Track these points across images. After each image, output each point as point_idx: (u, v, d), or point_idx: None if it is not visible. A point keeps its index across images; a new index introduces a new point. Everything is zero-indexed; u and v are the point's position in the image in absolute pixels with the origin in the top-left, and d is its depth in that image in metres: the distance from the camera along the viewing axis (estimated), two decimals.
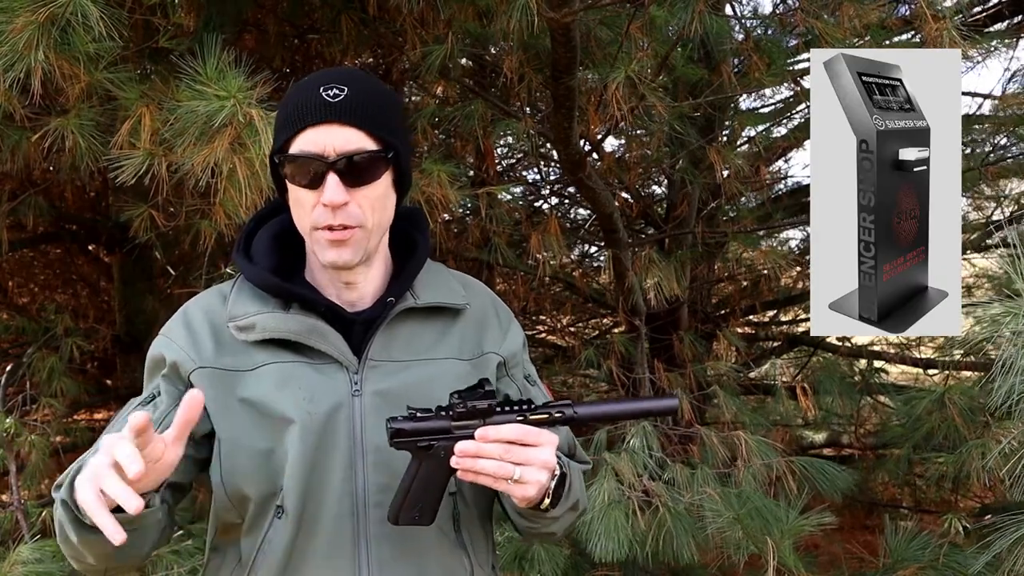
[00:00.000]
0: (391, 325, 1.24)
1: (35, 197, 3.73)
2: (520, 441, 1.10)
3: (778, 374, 5.12)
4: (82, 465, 1.07)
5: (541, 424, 1.14)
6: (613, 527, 2.46)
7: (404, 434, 1.12)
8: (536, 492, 1.12)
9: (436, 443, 1.12)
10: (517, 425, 1.11)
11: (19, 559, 2.46)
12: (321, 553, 1.18)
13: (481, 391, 1.13)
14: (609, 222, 3.72)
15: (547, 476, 1.13)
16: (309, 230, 1.19)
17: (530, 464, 1.10)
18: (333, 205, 1.15)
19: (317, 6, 3.31)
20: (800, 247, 5.51)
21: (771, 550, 2.28)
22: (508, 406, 1.14)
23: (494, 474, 1.09)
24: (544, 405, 1.16)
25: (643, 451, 2.74)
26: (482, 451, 1.09)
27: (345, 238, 1.17)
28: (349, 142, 1.15)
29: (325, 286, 1.26)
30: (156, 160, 2.02)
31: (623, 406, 1.22)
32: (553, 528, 1.28)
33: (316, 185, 1.16)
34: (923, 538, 2.52)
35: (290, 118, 1.17)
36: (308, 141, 1.15)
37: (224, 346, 1.21)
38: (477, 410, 1.12)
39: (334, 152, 1.15)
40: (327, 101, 1.15)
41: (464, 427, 1.12)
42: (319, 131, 1.15)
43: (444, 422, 1.13)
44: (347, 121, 1.15)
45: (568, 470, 1.22)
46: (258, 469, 1.18)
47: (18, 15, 1.77)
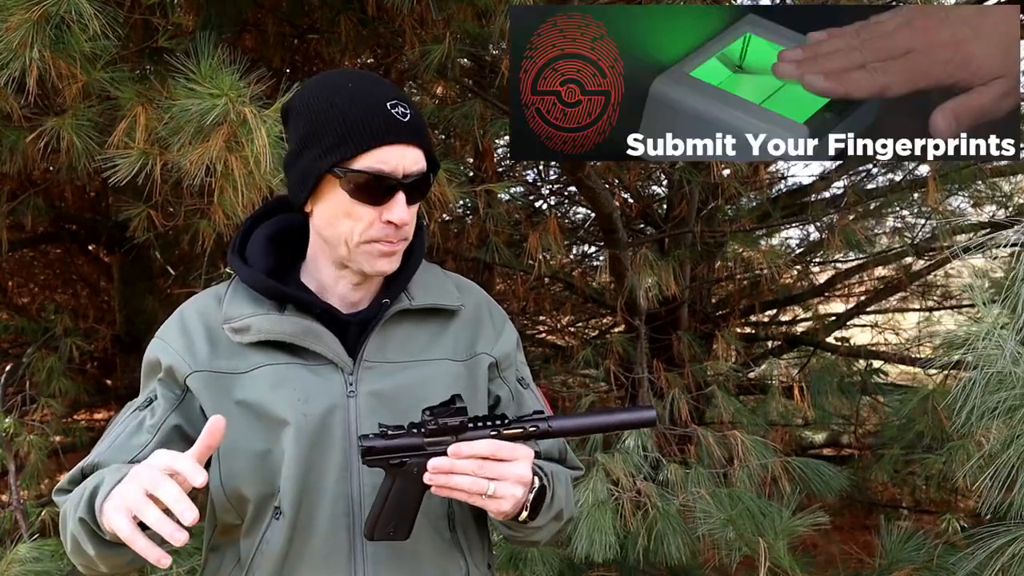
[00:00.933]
0: (386, 326, 1.24)
1: (35, 197, 3.74)
2: (494, 456, 1.10)
3: (776, 374, 5.11)
4: (99, 484, 1.08)
5: (515, 439, 1.13)
6: (595, 528, 2.46)
7: (376, 452, 1.12)
8: (511, 506, 1.12)
9: (408, 460, 1.12)
10: (491, 440, 1.11)
11: (17, 558, 2.47)
12: (318, 553, 1.18)
13: (453, 407, 1.13)
14: (608, 222, 3.72)
15: (522, 491, 1.12)
16: (358, 242, 1.19)
17: (504, 479, 1.10)
18: (403, 223, 1.17)
19: (316, 6, 3.32)
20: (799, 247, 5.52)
21: (763, 551, 2.28)
22: (481, 421, 1.13)
23: (468, 489, 1.09)
24: (518, 419, 1.15)
25: (638, 451, 2.74)
26: (455, 467, 1.09)
27: (399, 249, 1.21)
28: (416, 163, 1.18)
29: (330, 285, 1.26)
30: (151, 159, 2.02)
31: (599, 419, 1.20)
32: (536, 537, 1.28)
33: (381, 202, 1.17)
34: (918, 539, 2.52)
35: (357, 132, 1.15)
36: (380, 159, 1.15)
37: (219, 348, 1.21)
38: (449, 427, 1.12)
39: (403, 172, 1.16)
40: (400, 120, 1.16)
41: (436, 443, 1.12)
42: (393, 150, 1.16)
43: (416, 439, 1.12)
44: (415, 142, 1.18)
45: (550, 481, 1.22)
46: (255, 470, 1.19)
47: (12, 13, 1.77)
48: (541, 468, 1.23)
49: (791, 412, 4.62)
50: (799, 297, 5.37)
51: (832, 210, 4.40)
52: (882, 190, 4.62)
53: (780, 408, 4.24)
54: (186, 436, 1.23)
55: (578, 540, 2.47)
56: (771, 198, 4.86)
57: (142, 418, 1.22)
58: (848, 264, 5.22)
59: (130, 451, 1.20)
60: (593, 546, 2.47)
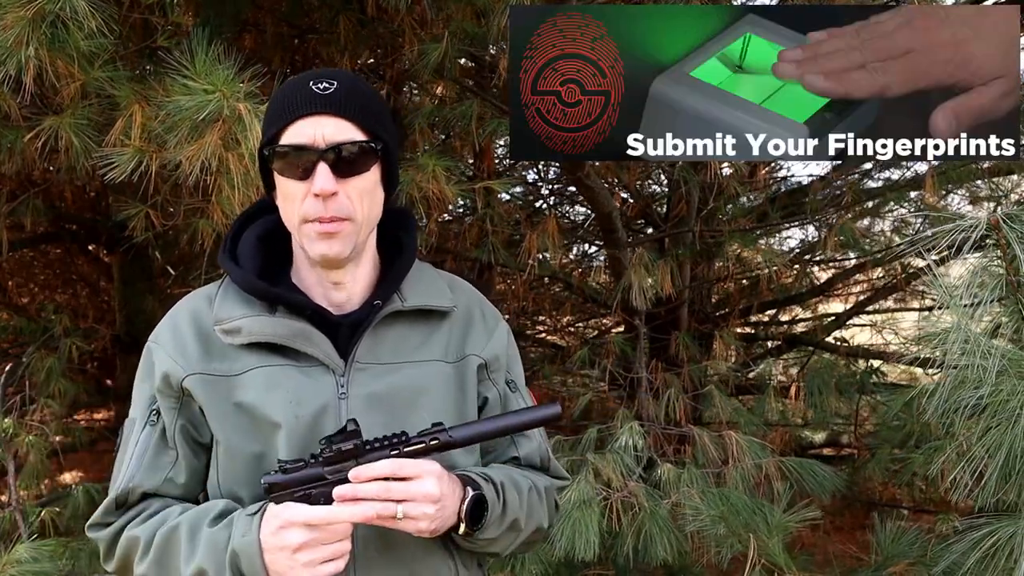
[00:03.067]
0: (378, 328, 1.24)
1: (34, 197, 3.74)
2: (396, 475, 1.10)
3: (774, 374, 5.11)
4: (176, 523, 1.16)
5: (417, 455, 1.13)
6: (577, 527, 2.46)
7: (278, 488, 1.11)
8: (428, 525, 1.12)
9: (313, 491, 1.11)
10: (391, 460, 1.11)
11: (16, 558, 2.47)
12: None
13: (346, 431, 1.12)
14: (608, 221, 3.72)
15: (434, 508, 1.11)
16: (298, 224, 1.19)
17: (411, 499, 1.10)
18: (324, 194, 1.15)
19: (315, 6, 3.32)
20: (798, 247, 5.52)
21: (753, 547, 2.28)
22: (379, 442, 1.13)
23: (378, 514, 1.09)
24: (418, 434, 1.15)
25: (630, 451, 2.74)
26: (359, 492, 1.09)
27: (335, 231, 1.17)
28: (340, 132, 1.16)
29: (312, 287, 1.25)
30: (147, 157, 2.02)
31: (501, 422, 1.20)
32: (493, 549, 1.26)
33: (306, 176, 1.16)
34: (912, 534, 2.52)
35: (279, 111, 1.18)
36: (298, 132, 1.16)
37: (212, 350, 1.21)
38: (345, 452, 1.11)
39: (324, 142, 1.15)
40: (317, 93, 1.16)
41: (337, 471, 1.11)
42: (309, 122, 1.16)
43: (316, 469, 1.12)
44: (337, 112, 1.16)
45: (500, 490, 1.21)
46: (251, 473, 1.18)
47: (7, 11, 1.77)
48: (489, 477, 1.22)
49: (790, 412, 4.62)
50: (798, 297, 5.37)
51: (831, 209, 4.40)
52: (880, 189, 4.63)
53: (779, 408, 4.24)
54: (192, 438, 1.24)
55: (559, 538, 2.47)
56: (770, 198, 4.86)
57: (159, 433, 1.23)
58: (847, 264, 5.23)
59: (162, 469, 1.22)
60: (575, 543, 2.47)
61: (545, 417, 1.21)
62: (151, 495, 1.23)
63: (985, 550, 1.77)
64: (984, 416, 1.74)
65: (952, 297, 1.71)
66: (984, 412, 1.74)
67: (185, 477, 1.23)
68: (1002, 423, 1.71)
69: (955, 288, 1.73)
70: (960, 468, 1.76)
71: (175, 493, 1.24)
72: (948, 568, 1.94)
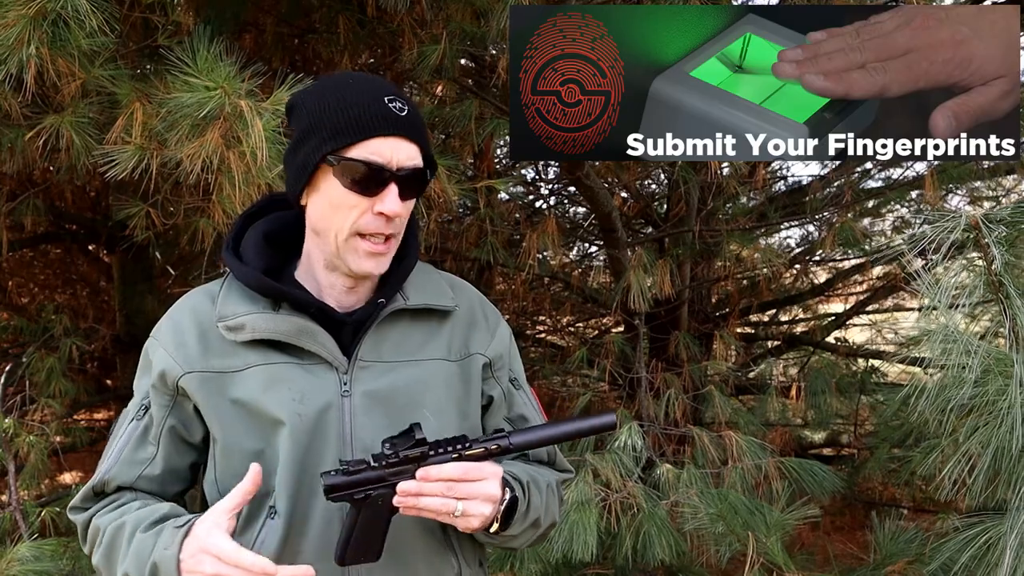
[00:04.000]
0: (381, 326, 1.25)
1: (34, 197, 3.74)
2: (463, 479, 1.12)
3: (775, 374, 5.11)
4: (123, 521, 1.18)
5: (477, 459, 1.15)
6: (575, 527, 2.47)
7: (339, 489, 1.12)
8: (479, 523, 1.14)
9: (373, 492, 1.13)
10: (458, 463, 1.13)
11: (17, 557, 2.47)
12: (312, 553, 1.18)
13: (413, 439, 1.13)
14: (608, 221, 3.73)
15: (491, 508, 1.14)
16: (347, 235, 1.19)
17: (473, 499, 1.12)
18: (394, 215, 1.18)
19: (315, 7, 3.32)
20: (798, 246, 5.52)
21: (752, 545, 2.29)
22: (442, 447, 1.14)
23: (437, 510, 1.11)
24: (479, 440, 1.17)
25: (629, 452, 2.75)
26: (424, 490, 1.11)
27: (385, 251, 1.21)
28: (411, 158, 1.19)
29: (324, 288, 1.26)
30: (148, 155, 2.02)
31: (560, 429, 1.21)
32: (513, 544, 1.29)
33: (373, 193, 1.17)
34: (911, 533, 2.53)
35: (354, 123, 1.17)
36: (375, 150, 1.17)
37: (212, 347, 1.21)
38: (409, 458, 1.13)
39: (397, 164, 1.17)
40: (396, 114, 1.18)
41: (399, 473, 1.13)
42: (388, 142, 1.17)
43: (378, 472, 1.13)
44: (412, 137, 1.19)
45: (526, 491, 1.23)
46: None
47: (8, 9, 1.77)
48: (517, 478, 1.24)
49: (790, 412, 4.62)
50: (798, 297, 5.37)
51: (831, 209, 4.40)
52: (880, 189, 4.63)
53: (778, 408, 4.24)
54: (180, 437, 1.24)
55: (557, 539, 2.48)
56: (770, 197, 4.87)
57: (142, 429, 1.24)
58: (847, 264, 5.23)
59: (138, 465, 1.24)
60: (573, 544, 2.48)
61: (602, 426, 1.23)
62: (125, 488, 1.25)
63: (978, 547, 1.78)
64: (972, 415, 1.75)
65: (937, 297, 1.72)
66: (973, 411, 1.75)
67: (160, 474, 1.25)
68: (990, 422, 1.72)
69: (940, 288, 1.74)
70: (950, 467, 1.77)
71: (149, 488, 1.25)
72: (943, 565, 1.95)
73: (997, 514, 1.81)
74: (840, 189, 4.38)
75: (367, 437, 1.19)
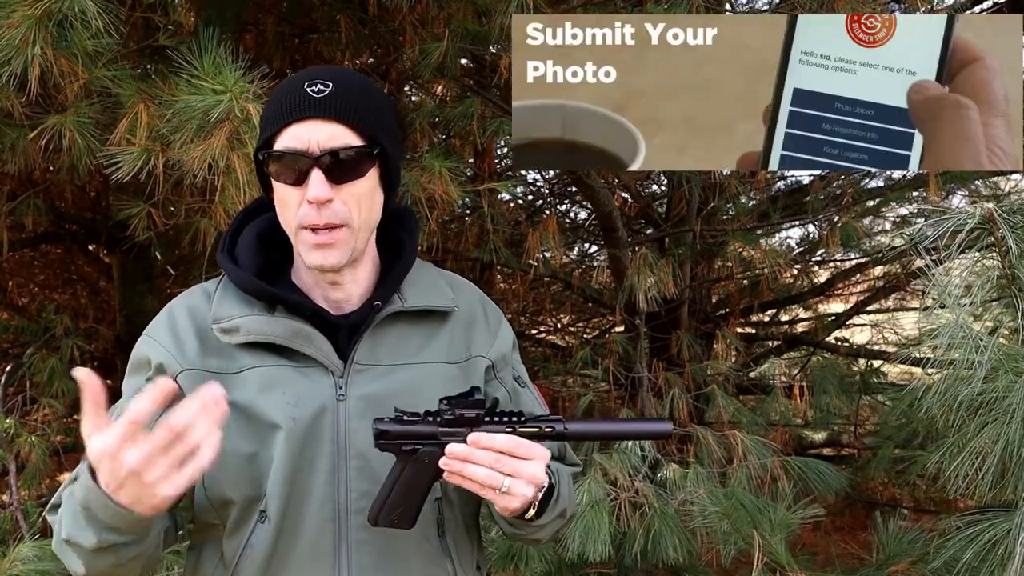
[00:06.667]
0: (378, 328, 1.22)
1: (35, 197, 3.73)
2: (511, 453, 1.09)
3: (777, 374, 5.11)
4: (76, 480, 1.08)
5: (530, 437, 1.12)
6: (589, 527, 2.47)
7: (390, 436, 1.11)
8: (520, 504, 1.12)
9: (421, 448, 1.11)
10: (512, 436, 1.10)
11: (19, 557, 2.47)
12: (303, 558, 1.17)
13: (471, 399, 1.12)
14: (608, 220, 3.73)
15: (533, 491, 1.12)
16: (295, 230, 1.17)
17: (519, 477, 1.09)
18: (318, 201, 1.13)
19: (316, 6, 3.32)
20: (799, 246, 5.53)
21: (758, 543, 2.29)
22: (498, 416, 1.13)
23: (483, 482, 1.08)
24: (535, 418, 1.15)
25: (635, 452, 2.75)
26: (473, 456, 1.08)
27: (330, 241, 1.16)
28: (334, 137, 1.14)
29: (311, 286, 1.24)
30: (153, 156, 2.02)
31: (615, 426, 1.21)
32: (539, 535, 1.27)
33: (301, 182, 1.14)
34: (913, 533, 2.53)
35: (274, 114, 1.16)
36: (292, 137, 1.14)
37: (209, 348, 1.19)
38: (465, 418, 1.11)
39: (318, 148, 1.13)
40: (311, 96, 1.14)
41: (451, 434, 1.11)
42: (303, 126, 1.14)
43: (431, 427, 1.11)
44: (331, 116, 1.14)
45: (557, 480, 1.21)
46: (242, 473, 1.17)
47: (15, 9, 1.77)
48: (548, 467, 1.21)
49: (791, 412, 4.62)
50: (799, 297, 5.37)
51: (831, 209, 4.41)
52: (881, 189, 4.63)
53: (780, 408, 4.24)
54: None
55: (572, 539, 2.47)
56: (771, 197, 4.87)
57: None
58: (847, 264, 5.23)
59: None
60: (586, 545, 2.48)
61: (656, 431, 1.21)
62: None
63: (982, 545, 1.78)
64: (981, 412, 1.75)
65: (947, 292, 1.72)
66: (981, 408, 1.75)
67: None
68: (999, 418, 1.72)
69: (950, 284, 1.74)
70: (957, 464, 1.77)
71: None
72: (946, 564, 1.95)
73: (1002, 511, 1.81)
74: (841, 189, 4.39)
75: (362, 442, 1.17)
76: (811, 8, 2.52)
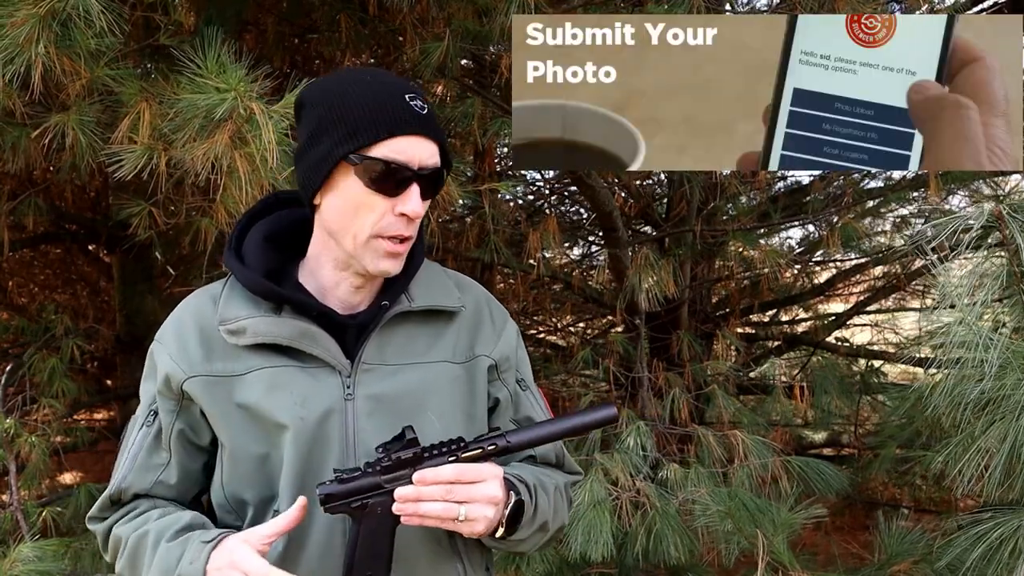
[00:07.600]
0: (385, 328, 1.23)
1: (35, 197, 3.73)
2: (460, 480, 1.10)
3: (777, 374, 5.11)
4: (146, 530, 1.18)
5: (475, 460, 1.12)
6: (591, 527, 2.47)
7: (335, 498, 1.10)
8: (485, 527, 1.12)
9: (370, 501, 1.11)
10: (455, 464, 1.11)
11: (19, 557, 2.47)
12: (313, 559, 1.18)
13: (404, 439, 1.11)
14: (608, 220, 3.73)
15: (494, 511, 1.12)
16: (369, 236, 1.17)
17: (475, 501, 1.10)
18: (415, 216, 1.16)
19: (316, 5, 3.32)
20: (799, 246, 5.53)
21: (761, 543, 2.29)
22: (437, 449, 1.12)
23: (440, 515, 1.09)
24: (476, 440, 1.14)
25: (637, 451, 2.75)
26: (423, 494, 1.08)
27: (403, 251, 1.20)
28: (431, 156, 1.17)
29: (330, 288, 1.24)
30: (156, 155, 2.02)
31: (558, 426, 1.18)
32: (521, 549, 1.27)
33: (396, 194, 1.15)
34: (916, 533, 2.53)
35: (374, 122, 1.14)
36: (397, 150, 1.14)
37: (214, 351, 1.20)
38: (404, 460, 1.11)
39: (419, 164, 1.16)
40: (418, 113, 1.16)
41: (395, 479, 1.10)
42: (408, 141, 1.15)
43: (373, 478, 1.11)
44: (432, 136, 1.17)
45: (532, 493, 1.21)
46: (255, 474, 1.19)
47: (19, 8, 1.77)
48: (523, 481, 1.22)
49: (791, 412, 4.62)
50: (799, 297, 5.37)
51: (831, 209, 4.41)
52: (881, 189, 4.64)
53: (780, 408, 4.24)
54: (190, 441, 1.24)
55: (574, 539, 2.47)
56: (771, 197, 4.87)
57: (153, 435, 1.24)
58: (847, 264, 5.24)
59: (153, 470, 1.24)
60: (589, 545, 2.48)
61: (602, 419, 1.20)
62: (142, 496, 1.25)
63: (989, 543, 1.78)
64: (988, 410, 1.75)
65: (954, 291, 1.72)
66: (988, 406, 1.75)
67: (176, 479, 1.24)
68: (1006, 416, 1.72)
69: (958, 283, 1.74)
70: (965, 461, 1.77)
71: (166, 494, 1.25)
72: (952, 563, 1.95)
73: (1008, 509, 1.81)
74: (841, 189, 4.39)
75: (370, 441, 1.17)
76: (811, 8, 2.53)
